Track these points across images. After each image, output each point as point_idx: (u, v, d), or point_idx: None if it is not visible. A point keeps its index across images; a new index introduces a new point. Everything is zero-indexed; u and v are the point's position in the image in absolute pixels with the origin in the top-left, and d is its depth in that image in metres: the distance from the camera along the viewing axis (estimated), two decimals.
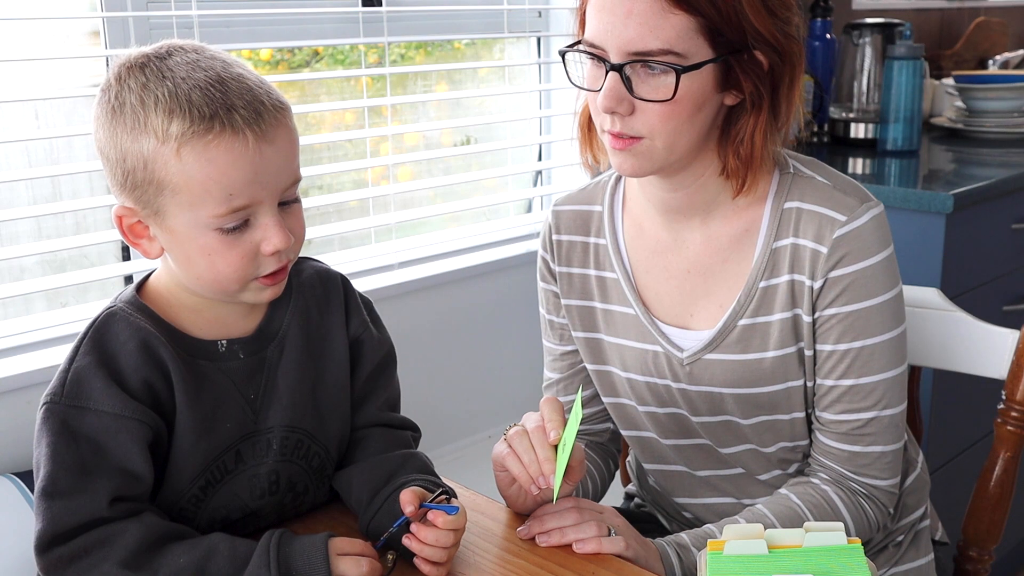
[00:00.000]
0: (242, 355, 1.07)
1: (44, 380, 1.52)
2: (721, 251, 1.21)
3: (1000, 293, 2.14)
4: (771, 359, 1.19)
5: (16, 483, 1.46)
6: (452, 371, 2.09)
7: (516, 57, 2.29)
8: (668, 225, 1.24)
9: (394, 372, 1.21)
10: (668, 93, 1.08)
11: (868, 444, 1.19)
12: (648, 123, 1.10)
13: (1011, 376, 1.34)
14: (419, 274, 2.01)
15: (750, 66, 1.11)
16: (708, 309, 1.22)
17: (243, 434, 1.06)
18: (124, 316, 1.02)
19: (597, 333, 1.30)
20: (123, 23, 1.64)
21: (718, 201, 1.20)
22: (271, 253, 0.99)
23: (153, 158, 0.94)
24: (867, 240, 1.15)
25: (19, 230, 1.64)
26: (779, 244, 1.18)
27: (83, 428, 0.97)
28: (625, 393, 1.30)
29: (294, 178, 1.01)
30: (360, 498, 1.10)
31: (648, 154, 1.12)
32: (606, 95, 1.09)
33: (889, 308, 1.17)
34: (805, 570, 0.85)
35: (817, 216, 1.16)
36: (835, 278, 1.15)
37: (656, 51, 1.07)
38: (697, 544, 1.15)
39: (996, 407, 1.36)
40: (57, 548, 0.94)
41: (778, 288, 1.18)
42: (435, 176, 2.17)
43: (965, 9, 3.32)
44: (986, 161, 2.34)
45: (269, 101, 0.97)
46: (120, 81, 0.97)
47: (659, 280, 1.25)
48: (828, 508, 1.19)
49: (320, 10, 1.87)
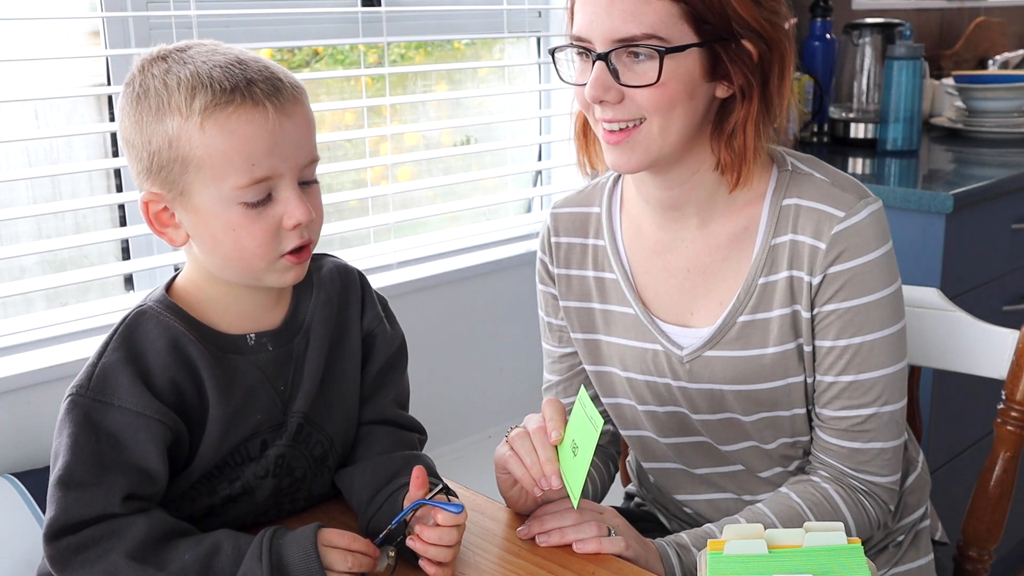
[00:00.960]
0: (271, 347, 1.09)
1: (44, 380, 1.53)
2: (720, 249, 1.21)
3: (1000, 293, 2.14)
4: (771, 355, 1.19)
5: (15, 484, 1.46)
6: (452, 371, 2.09)
7: (516, 57, 2.29)
8: (666, 225, 1.24)
9: (405, 369, 1.23)
10: (653, 77, 1.08)
11: (868, 440, 1.19)
12: (638, 109, 1.11)
13: (1011, 376, 1.34)
14: (419, 274, 2.01)
15: (738, 56, 1.11)
16: (708, 307, 1.23)
17: (272, 424, 1.09)
18: (154, 315, 1.04)
19: (596, 334, 1.30)
20: (123, 23, 1.64)
21: (715, 199, 1.20)
22: (293, 226, 1.01)
23: (177, 135, 0.98)
24: (865, 236, 1.15)
25: (19, 230, 1.64)
26: (778, 241, 1.18)
27: (105, 423, 0.98)
28: (624, 393, 1.30)
29: (312, 156, 1.04)
30: (360, 498, 1.12)
31: (644, 143, 1.12)
32: (593, 84, 1.10)
33: (888, 304, 1.17)
34: (805, 570, 0.85)
35: (816, 212, 1.16)
36: (834, 274, 1.15)
37: (639, 36, 1.08)
38: (697, 544, 1.15)
39: (996, 407, 1.36)
40: (66, 538, 0.95)
41: (777, 284, 1.18)
42: (435, 176, 2.17)
43: (965, 9, 3.32)
44: (986, 161, 2.34)
45: (287, 79, 1.02)
46: (143, 71, 1.01)
47: (658, 280, 1.25)
48: (828, 506, 1.19)
49: (320, 10, 1.87)
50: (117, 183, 1.73)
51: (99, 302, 1.69)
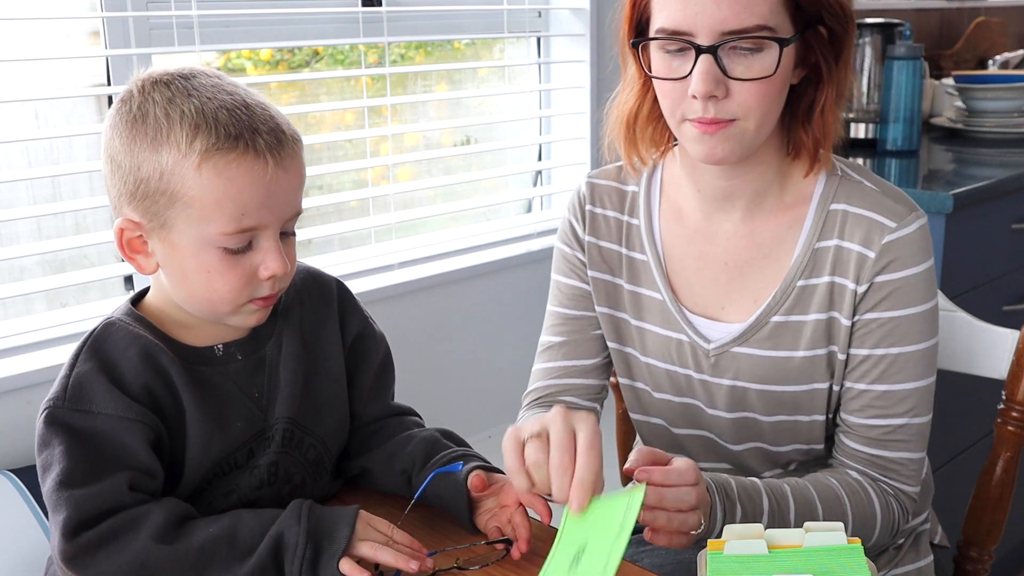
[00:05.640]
0: (240, 356, 1.09)
1: (44, 380, 1.53)
2: (762, 246, 1.21)
3: (1000, 293, 2.14)
4: (800, 359, 1.19)
5: (13, 480, 1.46)
6: (452, 371, 2.09)
7: (516, 57, 2.28)
8: (710, 215, 1.23)
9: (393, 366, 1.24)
10: (767, 70, 1.07)
11: (897, 450, 1.19)
12: (744, 104, 1.08)
13: (1011, 376, 1.34)
14: (419, 274, 2.01)
15: (817, 39, 1.11)
16: (741, 303, 1.22)
17: (255, 431, 1.08)
18: (123, 326, 1.04)
19: (621, 312, 1.29)
20: (123, 23, 1.64)
21: (767, 193, 1.19)
22: (268, 277, 1.01)
23: (171, 170, 0.96)
24: (914, 249, 1.15)
25: (19, 230, 1.64)
26: (822, 245, 1.17)
27: (89, 430, 0.98)
28: (642, 377, 1.29)
29: (297, 209, 1.04)
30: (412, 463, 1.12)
31: (740, 137, 1.10)
32: (703, 79, 1.07)
33: (927, 318, 1.17)
34: (805, 570, 0.85)
35: (866, 220, 1.15)
36: (880, 283, 1.15)
37: (752, 27, 1.06)
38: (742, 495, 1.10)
39: (996, 407, 1.36)
40: (85, 533, 0.95)
41: (817, 288, 1.18)
42: (435, 176, 2.16)
43: (965, 9, 3.32)
44: (986, 161, 2.34)
45: (288, 131, 1.01)
46: (143, 93, 0.99)
47: (693, 269, 1.24)
48: (863, 495, 1.17)
49: (320, 10, 1.87)
50: None
51: (99, 303, 1.69)
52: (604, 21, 2.20)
